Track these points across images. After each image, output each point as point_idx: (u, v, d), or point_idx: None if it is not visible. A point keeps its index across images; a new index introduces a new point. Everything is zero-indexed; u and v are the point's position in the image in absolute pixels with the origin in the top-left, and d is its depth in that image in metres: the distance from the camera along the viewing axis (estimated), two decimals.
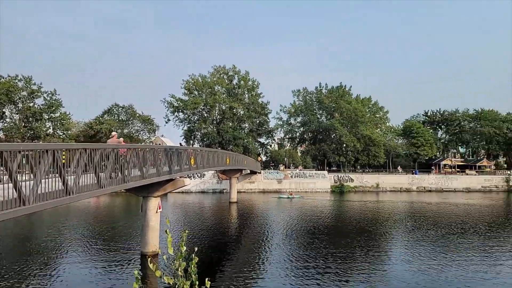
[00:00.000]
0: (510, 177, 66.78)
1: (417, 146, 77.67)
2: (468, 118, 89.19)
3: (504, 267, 17.69)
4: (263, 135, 75.55)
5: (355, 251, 20.89)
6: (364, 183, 64.17)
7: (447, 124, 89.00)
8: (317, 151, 72.51)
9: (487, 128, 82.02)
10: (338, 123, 69.05)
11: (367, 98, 76.92)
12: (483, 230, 27.97)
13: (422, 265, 17.90)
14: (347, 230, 28.24)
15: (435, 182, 65.50)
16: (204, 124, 67.74)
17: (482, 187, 65.44)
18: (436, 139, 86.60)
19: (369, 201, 49.12)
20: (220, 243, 23.34)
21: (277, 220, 32.31)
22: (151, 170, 17.17)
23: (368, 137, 70.51)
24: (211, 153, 31.22)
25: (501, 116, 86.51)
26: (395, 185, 64.34)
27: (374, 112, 76.93)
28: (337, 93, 74.62)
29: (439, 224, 30.07)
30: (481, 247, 22.12)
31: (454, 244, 22.88)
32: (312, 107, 77.23)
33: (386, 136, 78.18)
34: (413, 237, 25.34)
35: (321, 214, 36.42)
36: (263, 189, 60.00)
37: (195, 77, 69.00)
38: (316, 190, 60.39)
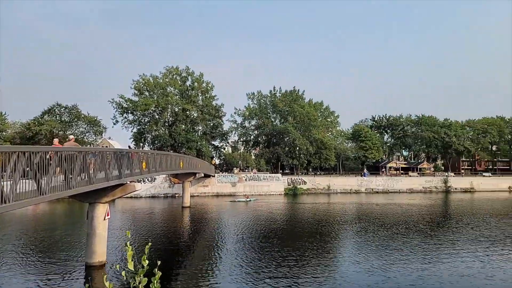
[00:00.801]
0: (447, 179, 72.16)
1: (365, 149, 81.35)
2: (411, 123, 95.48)
3: (442, 264, 18.63)
4: (217, 138, 74.65)
5: (307, 253, 20.98)
6: (316, 185, 65.70)
7: (392, 128, 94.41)
8: (271, 154, 73.07)
9: (427, 133, 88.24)
10: (291, 127, 70.16)
11: (319, 102, 79.20)
12: (424, 229, 29.59)
13: (370, 265, 18.35)
14: (300, 233, 28.45)
15: (382, 183, 68.85)
16: (156, 126, 65.29)
17: (423, 188, 69.98)
18: (383, 143, 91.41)
19: (321, 203, 50.25)
20: (173, 251, 22.23)
21: (231, 224, 31.71)
22: (99, 174, 15.83)
23: (320, 141, 72.47)
24: (164, 156, 29.87)
25: (439, 122, 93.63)
26: (345, 187, 66.64)
27: (325, 116, 79.40)
28: (290, 97, 75.94)
29: (385, 225, 31.32)
30: (422, 245, 23.20)
31: (398, 243, 23.79)
32: (267, 110, 77.91)
33: (337, 139, 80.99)
34: (361, 238, 26.06)
35: (275, 217, 36.44)
36: (217, 192, 59.09)
37: (146, 77, 66.37)
38: (270, 193, 60.72)
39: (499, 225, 31.44)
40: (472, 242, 24.06)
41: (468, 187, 71.61)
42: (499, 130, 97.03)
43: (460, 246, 22.87)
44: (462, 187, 71.29)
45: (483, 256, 20.23)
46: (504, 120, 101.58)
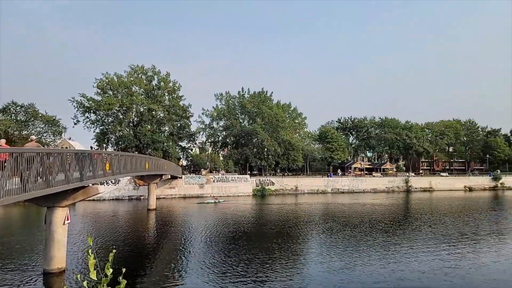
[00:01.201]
0: (408, 179, 75.29)
1: (332, 150, 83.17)
2: (374, 125, 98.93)
3: (403, 262, 19.29)
4: (184, 138, 73.36)
5: (274, 254, 21.03)
6: (284, 186, 66.29)
7: (357, 130, 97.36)
8: (239, 155, 72.89)
9: (389, 135, 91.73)
10: (260, 128, 70.32)
11: (287, 104, 79.93)
12: (386, 228, 30.65)
13: (334, 265, 18.70)
14: (267, 234, 28.48)
15: (347, 184, 70.63)
16: (120, 127, 63.06)
17: (386, 187, 72.55)
18: (348, 144, 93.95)
19: (289, 204, 50.72)
20: (138, 256, 21.48)
21: (198, 227, 31.20)
22: (59, 176, 14.96)
23: (288, 142, 73.19)
24: (129, 157, 28.86)
25: (401, 124, 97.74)
26: (312, 188, 67.73)
27: (293, 118, 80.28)
28: (259, 98, 76.16)
29: (350, 224, 32.10)
30: (384, 244, 23.99)
31: (362, 243, 24.41)
32: (235, 111, 77.64)
33: (304, 141, 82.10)
34: (327, 238, 26.50)
35: (243, 219, 36.29)
36: (184, 194, 58.06)
37: (109, 76, 63.94)
38: (239, 194, 60.53)
39: (454, 223, 33.09)
40: (430, 240, 25.10)
41: (427, 186, 75.05)
42: (456, 132, 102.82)
43: (419, 244, 23.76)
44: (421, 187, 74.59)
45: (441, 253, 21.15)
46: (460, 123, 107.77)
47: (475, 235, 26.62)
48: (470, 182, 78.82)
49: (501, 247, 22.81)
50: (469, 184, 77.63)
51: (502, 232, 28.27)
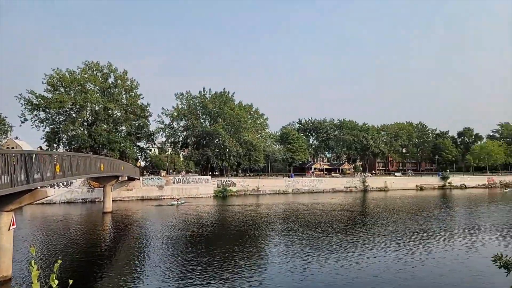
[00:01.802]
0: (365, 179, 78.09)
1: (293, 151, 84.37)
2: (333, 127, 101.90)
3: (358, 260, 19.87)
4: (143, 139, 70.99)
5: (234, 256, 20.81)
6: (246, 187, 66.19)
7: (317, 131, 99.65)
8: (201, 155, 71.82)
9: (348, 136, 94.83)
10: (221, 128, 69.73)
11: (249, 105, 80.00)
12: (344, 227, 31.55)
13: (293, 265, 18.83)
14: (228, 235, 28.22)
15: (308, 184, 71.90)
16: (72, 126, 59.60)
17: (345, 187, 74.77)
18: (308, 145, 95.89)
19: (250, 204, 50.66)
20: (90, 264, 20.21)
21: (157, 230, 30.19)
22: (3, 179, 13.65)
23: (250, 143, 73.21)
24: (82, 158, 27.23)
25: (358, 126, 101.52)
26: (274, 188, 68.23)
27: (255, 119, 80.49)
28: (220, 98, 75.54)
29: (309, 224, 32.59)
30: (341, 243, 24.65)
31: (321, 242, 24.86)
32: (196, 111, 76.45)
33: (266, 141, 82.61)
34: (287, 239, 26.69)
35: (203, 220, 35.67)
36: (142, 196, 56.12)
37: (61, 72, 60.29)
38: (200, 196, 59.57)
39: (406, 221, 34.58)
40: (384, 238, 26.05)
41: (382, 186, 78.29)
42: (408, 134, 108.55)
43: (374, 242, 24.55)
44: (377, 186, 77.68)
45: (394, 251, 22.00)
46: (412, 125, 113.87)
47: (425, 233, 27.98)
48: (421, 182, 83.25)
49: (447, 244, 24.11)
50: (420, 184, 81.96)
51: (448, 229, 29.95)
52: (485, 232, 28.04)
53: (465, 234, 27.61)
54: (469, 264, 18.79)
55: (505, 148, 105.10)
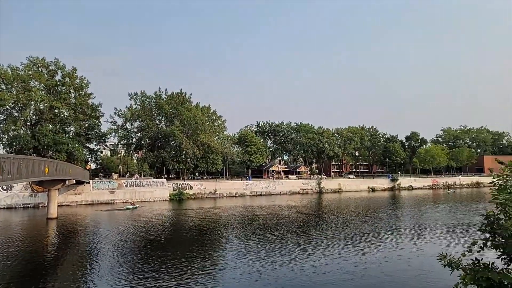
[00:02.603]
0: (321, 181, 79.90)
1: (251, 154, 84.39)
2: (291, 130, 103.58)
3: (312, 261, 20.12)
4: (93, 140, 67.40)
5: (190, 261, 20.29)
6: (203, 190, 65.07)
7: (275, 134, 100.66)
8: (156, 158, 69.53)
9: (304, 139, 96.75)
10: (178, 130, 67.99)
11: (206, 106, 78.80)
12: (299, 229, 31.94)
13: (251, 268, 18.74)
14: (184, 240, 27.44)
15: (265, 187, 72.16)
16: (14, 126, 55.10)
17: (301, 189, 75.96)
18: (266, 148, 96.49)
19: (207, 208, 49.79)
20: (33, 274, 18.52)
21: (106, 236, 28.54)
22: None
23: (207, 145, 72.09)
24: (24, 160, 24.95)
25: (315, 129, 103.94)
26: (231, 191, 67.71)
27: (213, 121, 79.45)
28: (177, 99, 73.74)
29: (266, 227, 32.62)
30: (296, 245, 24.88)
31: (277, 244, 24.89)
32: (151, 112, 74.05)
33: (224, 144, 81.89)
34: (244, 241, 26.50)
35: (157, 225, 34.40)
36: (92, 201, 53.15)
37: (2, 68, 55.65)
38: (154, 199, 57.60)
39: (358, 222, 35.72)
40: (337, 239, 26.69)
41: (337, 188, 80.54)
42: (361, 138, 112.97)
43: (328, 243, 25.04)
44: (332, 188, 79.76)
45: (346, 251, 22.54)
46: (364, 129, 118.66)
47: (375, 233, 29.01)
48: (373, 183, 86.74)
49: (395, 244, 25.11)
50: (372, 185, 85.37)
51: (397, 229, 31.26)
52: (430, 232, 29.54)
53: (411, 234, 28.91)
54: (415, 263, 19.54)
55: (447, 152, 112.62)
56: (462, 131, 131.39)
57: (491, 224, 7.93)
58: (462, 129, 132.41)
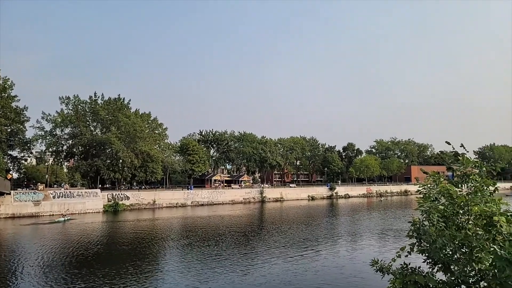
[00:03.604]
0: (263, 190, 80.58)
1: (193, 162, 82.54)
2: (234, 139, 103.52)
3: (255, 270, 19.92)
4: (16, 147, 61.09)
5: (125, 277, 18.91)
6: (141, 200, 62.04)
7: (218, 143, 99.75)
8: (89, 167, 64.96)
9: (247, 148, 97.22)
10: (115, 137, 64.29)
11: (146, 113, 75.79)
12: (241, 238, 31.62)
13: (191, 282, 18.02)
14: (118, 254, 25.59)
15: (207, 196, 70.86)
16: None
17: (244, 199, 75.85)
18: (209, 157, 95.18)
19: (145, 219, 47.42)
20: None
21: (28, 252, 25.65)
22: None
23: (147, 153, 69.11)
24: None
25: (258, 139, 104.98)
26: (172, 201, 65.41)
27: (153, 128, 76.55)
28: (114, 105, 69.98)
29: (208, 237, 31.85)
30: (238, 254, 24.53)
31: (218, 255, 24.29)
32: (85, 118, 69.36)
33: (165, 152, 79.20)
34: (185, 254, 25.47)
35: (88, 239, 31.81)
36: (12, 214, 47.98)
37: None
38: (86, 211, 53.62)
39: (297, 231, 36.40)
40: (276, 248, 26.74)
41: (278, 197, 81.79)
42: (302, 148, 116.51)
43: (266, 253, 24.91)
44: (274, 197, 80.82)
45: (286, 259, 22.63)
46: (305, 139, 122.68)
47: (312, 241, 29.62)
48: (312, 192, 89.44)
49: (331, 251, 25.82)
50: (311, 194, 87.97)
51: (333, 237, 32.30)
52: (364, 238, 30.88)
53: (347, 241, 29.96)
54: (350, 269, 20.12)
55: (380, 162, 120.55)
56: (392, 143, 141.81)
57: (417, 230, 8.28)
58: (393, 141, 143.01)
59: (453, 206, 8.18)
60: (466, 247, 7.79)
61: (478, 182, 8.42)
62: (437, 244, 7.57)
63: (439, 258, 7.76)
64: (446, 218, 8.11)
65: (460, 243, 7.79)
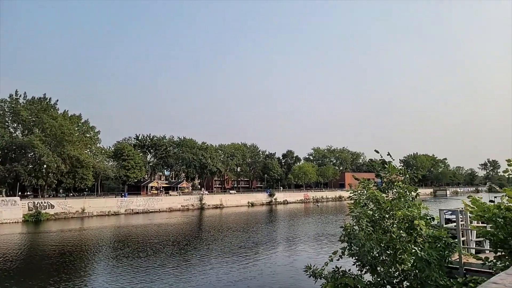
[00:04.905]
0: (202, 197, 79.24)
1: (128, 168, 78.48)
2: (173, 144, 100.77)
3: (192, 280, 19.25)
4: None
5: None
6: (68, 209, 57.34)
7: (155, 148, 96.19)
8: (7, 172, 58.42)
9: (187, 154, 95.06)
10: (38, 140, 58.63)
11: (76, 115, 70.52)
12: (179, 248, 30.57)
13: None
14: (36, 269, 23.09)
15: (143, 204, 67.70)
16: None
17: (182, 206, 73.82)
18: (146, 162, 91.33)
19: (72, 230, 43.80)
20: None
21: None
22: None
23: (76, 158, 64.16)
24: None
25: (198, 145, 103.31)
26: (103, 209, 61.41)
27: (84, 131, 71.39)
28: (39, 105, 64.10)
29: (143, 248, 30.21)
30: (176, 264, 23.64)
31: (155, 266, 23.12)
32: (4, 118, 62.58)
33: (96, 157, 74.25)
34: (116, 266, 23.78)
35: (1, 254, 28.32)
36: None
37: None
38: (3, 221, 48.14)
39: (235, 238, 36.10)
40: (213, 257, 26.25)
41: (218, 203, 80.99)
42: (243, 154, 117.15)
43: (201, 262, 24.27)
44: (213, 204, 79.85)
45: (226, 267, 22.25)
46: (246, 146, 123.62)
47: (249, 248, 29.52)
48: (252, 198, 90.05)
49: (268, 257, 25.95)
50: (251, 200, 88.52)
51: (270, 243, 32.54)
52: (300, 243, 31.61)
53: (284, 246, 30.43)
54: (286, 275, 20.33)
55: (317, 169, 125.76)
56: (328, 151, 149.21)
57: (348, 235, 8.56)
58: (329, 149, 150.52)
59: (380, 211, 8.60)
60: (391, 249, 8.22)
61: (401, 188, 9.02)
62: (366, 248, 7.88)
63: (367, 261, 8.09)
64: (374, 223, 8.48)
65: (385, 246, 8.19)
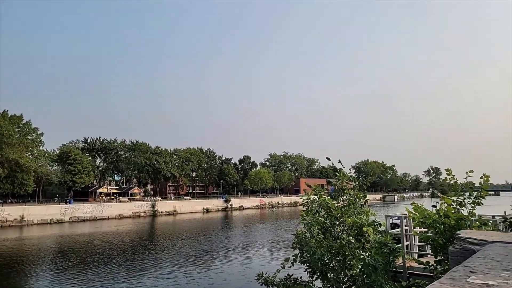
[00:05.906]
0: (155, 203, 76.56)
1: (74, 173, 73.91)
2: (125, 148, 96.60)
3: None
4: None
5: None
6: (5, 217, 52.79)
7: (105, 152, 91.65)
8: None
9: (140, 159, 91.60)
10: None
11: (17, 116, 65.32)
12: (127, 258, 29.19)
13: None
14: None
15: (90, 210, 64.00)
16: None
17: (133, 213, 70.75)
18: (95, 167, 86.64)
19: (8, 240, 40.24)
20: None
21: None
22: None
23: (15, 162, 59.27)
24: None
25: (152, 149, 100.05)
26: (45, 217, 57.16)
27: (25, 133, 66.22)
28: None
29: (88, 259, 28.43)
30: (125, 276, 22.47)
31: (98, 278, 21.85)
32: None
33: (39, 161, 69.13)
34: (56, 281, 22.02)
35: None
36: None
37: None
38: None
39: (188, 246, 35.27)
40: (169, 264, 25.43)
41: (172, 210, 78.62)
42: (199, 159, 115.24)
43: (151, 273, 23.31)
44: (167, 211, 77.39)
45: (177, 275, 21.49)
46: (202, 151, 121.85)
47: (202, 256, 28.93)
48: (207, 205, 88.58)
49: (221, 265, 25.53)
50: (206, 206, 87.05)
51: (224, 250, 32.15)
52: (254, 250, 31.49)
53: (237, 253, 30.13)
54: (237, 284, 19.97)
55: (273, 175, 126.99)
56: (284, 157, 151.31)
57: (300, 242, 8.50)
58: (285, 155, 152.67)
59: (331, 218, 8.65)
60: (341, 256, 8.27)
61: (351, 195, 9.16)
62: (317, 255, 7.85)
63: (318, 267, 8.08)
64: (325, 230, 8.50)
65: (335, 252, 8.23)
